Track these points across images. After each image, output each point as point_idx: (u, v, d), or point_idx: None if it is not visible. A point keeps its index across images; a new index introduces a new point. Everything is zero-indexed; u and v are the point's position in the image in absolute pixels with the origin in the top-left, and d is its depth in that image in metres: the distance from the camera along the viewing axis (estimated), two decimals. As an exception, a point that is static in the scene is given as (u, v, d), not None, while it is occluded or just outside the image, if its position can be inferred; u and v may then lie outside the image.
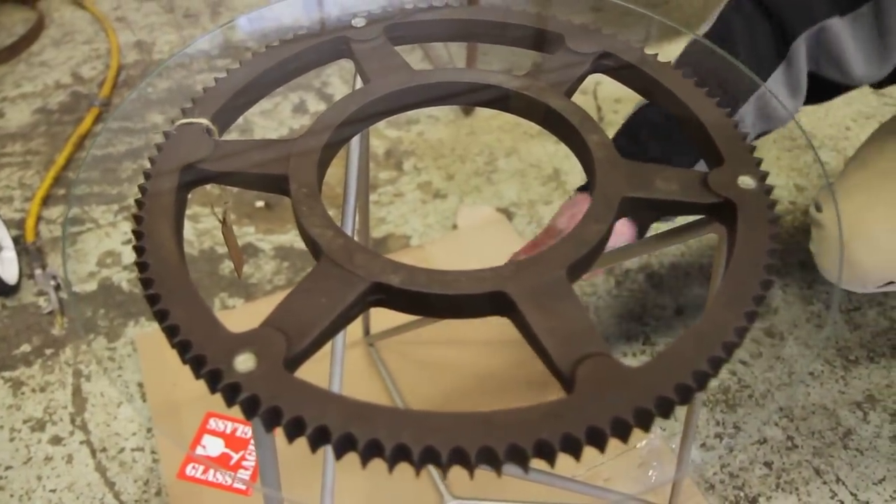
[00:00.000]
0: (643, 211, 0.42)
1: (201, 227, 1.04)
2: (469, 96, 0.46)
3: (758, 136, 0.71)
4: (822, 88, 0.71)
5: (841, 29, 0.65)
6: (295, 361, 0.32)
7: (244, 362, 0.31)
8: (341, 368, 0.53)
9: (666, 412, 0.29)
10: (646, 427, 0.29)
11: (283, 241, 1.02)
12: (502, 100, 0.46)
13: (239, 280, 0.96)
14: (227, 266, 0.99)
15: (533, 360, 0.33)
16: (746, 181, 0.39)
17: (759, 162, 0.41)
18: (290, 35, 0.50)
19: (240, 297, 0.95)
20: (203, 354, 0.31)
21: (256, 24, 1.47)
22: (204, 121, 0.43)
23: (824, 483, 0.76)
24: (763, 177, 0.40)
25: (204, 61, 1.38)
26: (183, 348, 0.32)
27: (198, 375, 0.32)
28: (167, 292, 0.34)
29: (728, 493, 0.75)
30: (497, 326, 0.35)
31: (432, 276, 0.33)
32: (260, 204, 1.08)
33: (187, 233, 1.03)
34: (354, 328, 0.86)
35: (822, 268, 0.78)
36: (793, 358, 0.87)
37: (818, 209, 0.78)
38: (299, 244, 1.00)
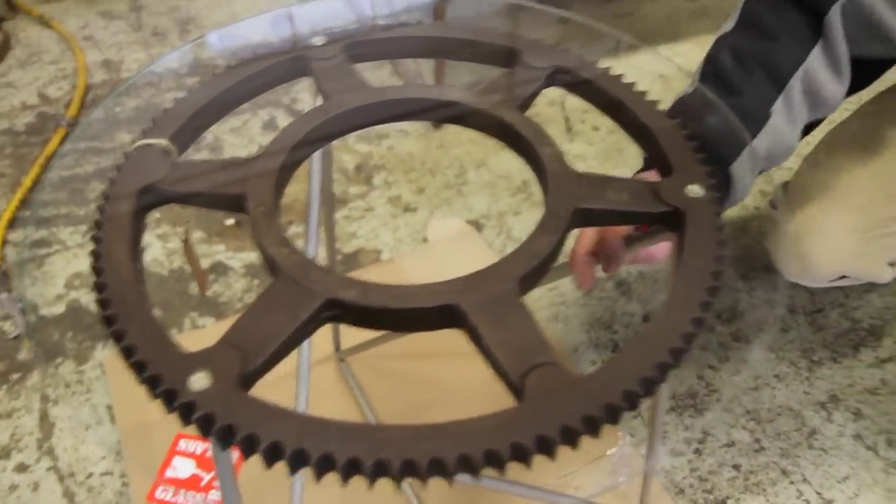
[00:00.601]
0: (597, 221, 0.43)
1: (171, 246, 1.04)
2: (425, 113, 0.47)
3: (807, 130, 0.64)
4: (866, 70, 0.65)
5: None
6: (250, 378, 0.32)
7: (199, 381, 0.31)
8: (307, 386, 0.53)
9: (614, 418, 0.30)
10: (594, 433, 0.29)
11: (253, 259, 1.02)
12: (459, 116, 0.47)
13: (203, 297, 0.96)
14: (196, 285, 0.98)
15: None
16: (695, 189, 0.41)
17: (708, 171, 0.43)
18: (252, 54, 0.50)
19: (210, 316, 0.94)
20: (159, 374, 0.31)
21: (226, 42, 1.47)
22: (162, 141, 0.43)
23: (791, 483, 0.77)
24: (711, 185, 0.41)
25: (173, 80, 1.37)
26: (139, 368, 0.32)
27: (154, 395, 0.32)
28: (123, 313, 0.34)
29: (698, 496, 0.76)
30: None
31: (385, 291, 0.34)
32: (230, 222, 1.07)
33: (157, 252, 1.03)
34: (325, 344, 0.86)
35: (778, 264, 0.82)
36: (758, 361, 0.89)
37: (773, 207, 0.81)
38: (270, 261, 1.00)
